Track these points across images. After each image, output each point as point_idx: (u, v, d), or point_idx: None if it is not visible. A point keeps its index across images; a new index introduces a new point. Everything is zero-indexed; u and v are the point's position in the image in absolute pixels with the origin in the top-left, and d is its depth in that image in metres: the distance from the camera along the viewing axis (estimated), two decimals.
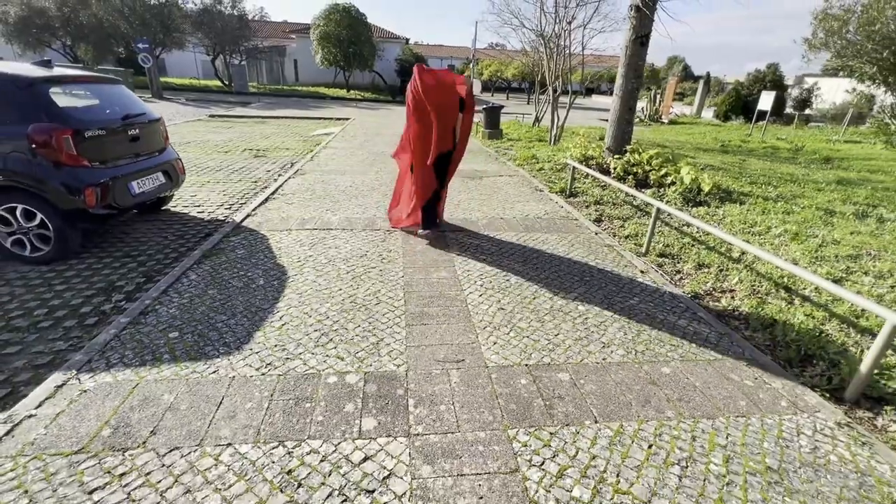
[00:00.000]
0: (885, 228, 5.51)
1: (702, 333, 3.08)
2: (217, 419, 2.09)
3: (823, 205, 6.45)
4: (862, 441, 2.18)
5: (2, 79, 3.57)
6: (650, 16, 6.57)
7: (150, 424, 2.04)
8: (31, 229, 3.71)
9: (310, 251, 4.10)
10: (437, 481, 1.83)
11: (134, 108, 4.55)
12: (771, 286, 3.82)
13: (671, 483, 1.88)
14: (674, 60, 65.69)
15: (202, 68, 32.91)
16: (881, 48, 10.43)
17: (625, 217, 5.63)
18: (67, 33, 24.10)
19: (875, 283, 3.91)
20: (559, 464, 1.95)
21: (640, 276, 3.97)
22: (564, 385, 2.46)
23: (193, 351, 2.59)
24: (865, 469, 2.02)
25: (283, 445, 1.96)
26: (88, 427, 2.01)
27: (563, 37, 10.65)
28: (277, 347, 2.66)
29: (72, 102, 4.05)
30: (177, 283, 3.39)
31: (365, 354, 2.64)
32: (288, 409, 2.17)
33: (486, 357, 2.67)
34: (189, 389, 2.27)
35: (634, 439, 2.11)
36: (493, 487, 1.81)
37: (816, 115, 27.50)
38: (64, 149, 3.61)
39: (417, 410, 2.21)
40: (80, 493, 1.70)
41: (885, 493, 1.90)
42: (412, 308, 3.19)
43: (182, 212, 5.30)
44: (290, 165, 7.95)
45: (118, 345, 2.62)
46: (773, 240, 4.94)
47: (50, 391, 2.21)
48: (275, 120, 15.07)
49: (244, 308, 3.08)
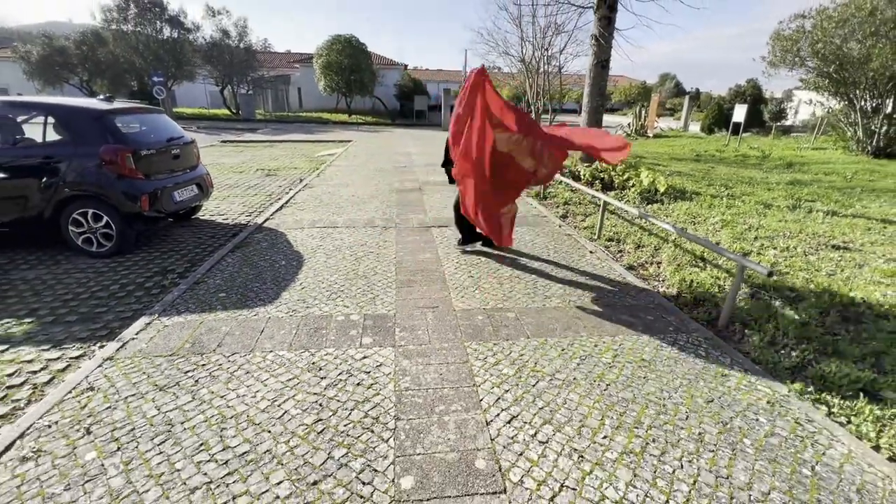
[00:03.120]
0: (810, 217, 6.43)
1: (625, 290, 3.99)
2: (261, 339, 3.00)
3: (766, 200, 7.38)
4: (715, 346, 3.07)
5: (80, 112, 4.62)
6: (605, 45, 7.67)
7: (215, 342, 2.96)
8: (98, 229, 4.67)
9: (320, 242, 5.06)
10: (412, 367, 2.73)
11: (175, 132, 5.58)
12: (691, 258, 4.73)
13: (571, 366, 2.78)
14: (665, 77, 67.78)
15: (210, 98, 34.59)
16: (826, 64, 11.55)
17: (586, 214, 6.59)
18: (85, 70, 25.69)
19: (777, 254, 4.82)
20: (496, 358, 2.85)
21: (589, 255, 4.90)
22: (510, 319, 3.37)
23: (238, 304, 3.52)
24: (711, 360, 2.90)
25: (308, 351, 2.87)
26: (174, 343, 2.93)
27: (542, 62, 11.82)
28: (299, 301, 3.59)
29: (130, 128, 5.07)
30: (217, 264, 4.34)
31: (364, 304, 3.56)
32: (310, 334, 3.09)
33: (454, 305, 3.59)
34: (239, 325, 3.19)
35: (552, 346, 3.01)
36: (450, 369, 2.71)
37: (798, 126, 28.68)
38: (126, 164, 4.61)
39: (401, 334, 3.12)
40: (177, 372, 2.61)
41: (718, 371, 2.78)
42: (401, 277, 4.12)
43: (210, 219, 6.29)
44: (299, 181, 8.98)
45: (182, 302, 3.55)
46: (709, 227, 5.87)
47: (142, 326, 3.14)
48: (282, 143, 16.25)
49: (272, 279, 4.02)
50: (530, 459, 2.05)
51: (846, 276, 4.30)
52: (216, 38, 26.91)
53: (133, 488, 1.84)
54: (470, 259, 4.64)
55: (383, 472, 1.96)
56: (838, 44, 11.31)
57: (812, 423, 2.36)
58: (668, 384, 2.65)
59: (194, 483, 1.87)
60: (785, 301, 3.75)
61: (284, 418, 2.27)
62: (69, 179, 4.46)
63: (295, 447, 2.08)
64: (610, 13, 7.69)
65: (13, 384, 2.60)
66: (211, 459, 2.00)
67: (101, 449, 2.04)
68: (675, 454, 2.11)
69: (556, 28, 11.20)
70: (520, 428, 2.25)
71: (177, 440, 2.10)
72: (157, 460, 1.98)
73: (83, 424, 2.19)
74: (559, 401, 2.47)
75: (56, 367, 2.77)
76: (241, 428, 2.19)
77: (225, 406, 2.35)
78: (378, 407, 2.38)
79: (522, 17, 11.71)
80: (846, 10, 11.21)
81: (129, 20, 24.57)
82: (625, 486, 1.92)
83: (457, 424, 2.26)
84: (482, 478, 1.94)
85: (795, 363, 2.92)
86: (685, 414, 2.39)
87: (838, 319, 3.49)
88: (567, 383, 2.62)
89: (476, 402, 2.44)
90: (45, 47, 24.25)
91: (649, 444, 2.17)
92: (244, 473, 1.93)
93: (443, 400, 2.44)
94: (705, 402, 2.50)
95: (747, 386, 2.66)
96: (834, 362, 2.88)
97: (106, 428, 2.17)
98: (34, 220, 4.51)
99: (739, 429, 2.29)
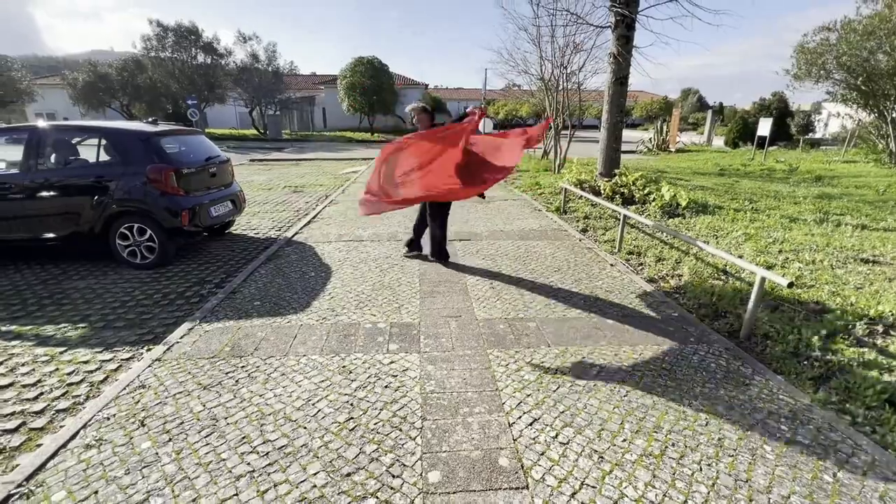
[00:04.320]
0: (839, 231, 6.33)
1: (645, 300, 4.04)
2: (295, 344, 3.19)
3: (792, 214, 7.29)
4: (737, 357, 3.09)
5: (131, 135, 5.00)
6: (624, 63, 7.81)
7: (252, 346, 3.15)
8: (142, 243, 5.00)
9: (347, 255, 5.27)
10: (437, 372, 2.86)
11: (212, 152, 5.95)
12: (713, 271, 4.74)
13: (591, 373, 2.86)
14: (688, 92, 67.30)
15: (239, 119, 36.08)
16: (853, 76, 11.38)
17: (607, 227, 6.64)
18: (125, 94, 27.24)
19: (802, 267, 4.78)
20: (518, 364, 2.95)
21: (609, 268, 4.96)
22: (531, 329, 3.47)
23: (272, 312, 3.72)
24: (732, 370, 2.93)
25: (338, 356, 3.04)
26: (215, 347, 3.14)
27: (562, 80, 12.01)
28: (328, 310, 3.77)
29: (172, 149, 5.44)
30: (252, 275, 4.59)
31: (390, 312, 3.72)
32: (339, 340, 3.25)
33: (477, 314, 3.71)
34: (274, 331, 3.39)
35: (573, 354, 3.09)
36: (473, 374, 2.83)
37: (828, 139, 28.01)
38: (169, 182, 4.94)
39: (426, 341, 3.26)
40: (219, 373, 2.80)
41: (739, 381, 2.81)
42: (425, 288, 4.27)
43: (242, 234, 6.61)
44: (325, 197, 9.32)
45: (220, 309, 3.78)
46: (731, 240, 5.85)
47: (184, 331, 3.37)
48: (307, 162, 16.82)
49: (302, 289, 4.22)
50: (551, 459, 2.14)
51: (875, 290, 4.24)
52: (246, 63, 28.18)
53: (185, 474, 2.01)
54: (490, 271, 4.76)
55: (411, 467, 2.08)
56: (865, 56, 11.16)
57: (835, 431, 2.38)
58: (688, 391, 2.69)
59: (239, 471, 2.03)
60: (810, 313, 3.74)
61: (318, 416, 2.42)
62: (118, 196, 4.81)
63: (329, 442, 2.22)
64: (628, 32, 7.84)
65: (73, 381, 2.84)
66: (253, 451, 2.16)
67: (155, 439, 2.23)
68: (694, 457, 2.16)
69: (575, 47, 11.40)
70: (541, 430, 2.34)
71: (221, 433, 2.28)
72: (205, 450, 2.16)
73: (138, 417, 2.39)
74: (579, 405, 2.55)
75: (109, 368, 3.00)
76: (279, 424, 2.35)
77: (264, 404, 2.52)
78: (405, 408, 2.51)
79: (541, 37, 11.97)
80: (872, 21, 11.08)
81: (166, 48, 26.03)
82: (644, 486, 1.99)
83: (480, 425, 2.36)
84: (505, 474, 2.04)
85: (819, 374, 2.92)
86: (705, 420, 2.44)
87: (865, 332, 3.46)
88: (587, 389, 2.70)
89: (499, 404, 2.54)
90: (90, 74, 25.88)
91: (668, 447, 2.23)
92: (283, 464, 2.08)
93: (467, 402, 2.55)
94: (726, 409, 2.54)
95: (769, 395, 2.68)
96: (859, 373, 2.87)
97: (158, 421, 2.37)
98: (86, 234, 4.87)
99: (760, 436, 2.32)
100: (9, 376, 2.89)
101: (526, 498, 1.92)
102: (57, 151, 5.06)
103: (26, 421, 2.49)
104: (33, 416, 2.52)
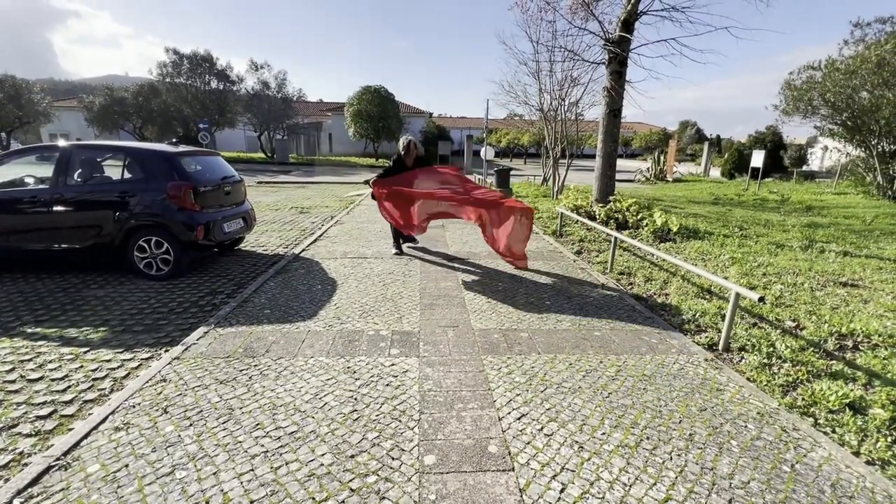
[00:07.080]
0: (822, 257, 6.61)
1: (632, 317, 4.29)
2: (303, 347, 3.43)
3: (780, 241, 7.59)
4: (714, 366, 3.32)
5: (155, 154, 5.37)
6: (617, 96, 8.29)
7: (264, 348, 3.40)
8: (158, 255, 5.29)
9: (351, 270, 5.55)
10: (434, 374, 3.09)
11: (227, 171, 6.32)
12: (698, 290, 5.00)
13: (577, 377, 3.09)
14: (686, 124, 68.87)
15: (247, 142, 37.04)
16: (838, 112, 11.90)
17: (600, 250, 6.93)
18: (139, 117, 28.15)
19: (783, 289, 5.04)
20: (510, 369, 3.18)
21: (601, 286, 5.22)
22: (523, 338, 3.71)
23: (282, 319, 3.98)
24: (708, 378, 3.16)
25: (343, 358, 3.28)
26: (229, 349, 3.38)
27: (560, 111, 12.56)
28: (334, 318, 4.02)
29: (191, 168, 5.81)
30: (261, 287, 4.86)
31: (392, 322, 3.97)
32: (345, 344, 3.50)
33: (473, 325, 3.96)
34: (283, 336, 3.64)
35: (561, 361, 3.32)
36: (468, 376, 3.06)
37: (823, 172, 28.62)
38: (187, 198, 5.28)
39: (425, 347, 3.50)
40: (234, 371, 3.05)
41: (713, 386, 3.04)
42: (425, 301, 4.53)
43: (251, 250, 6.91)
44: (331, 218, 9.67)
45: (233, 316, 4.04)
46: (718, 263, 6.12)
47: (200, 335, 3.62)
48: (314, 185, 17.31)
49: (310, 300, 4.49)
50: (536, 447, 2.36)
51: (849, 310, 4.49)
52: (257, 89, 29.22)
53: (205, 453, 2.23)
54: (487, 287, 5.03)
55: (409, 451, 2.30)
56: (849, 93, 11.72)
57: (797, 430, 2.60)
58: (665, 395, 2.92)
59: (254, 452, 2.25)
60: (785, 330, 3.98)
61: (325, 408, 2.65)
62: (138, 211, 5.14)
63: (335, 429, 2.45)
64: (620, 68, 8.36)
65: (97, 377, 3.08)
66: (266, 435, 2.38)
67: (177, 424, 2.46)
68: (665, 449, 2.38)
69: (573, 81, 11.99)
70: (528, 423, 2.56)
71: (237, 420, 2.51)
72: (223, 434, 2.38)
73: (161, 406, 2.63)
74: (564, 404, 2.77)
75: (131, 366, 3.25)
76: (290, 413, 2.58)
77: (275, 397, 2.75)
78: (405, 403, 2.74)
79: (540, 71, 12.60)
80: (854, 62, 11.69)
81: (181, 74, 27.08)
82: (618, 471, 2.20)
83: (473, 419, 2.59)
84: (494, 459, 2.26)
85: (788, 381, 3.15)
86: (679, 419, 2.66)
87: (836, 346, 3.69)
88: (572, 391, 2.93)
89: (490, 402, 2.77)
90: (107, 98, 26.82)
91: (643, 440, 2.45)
92: (294, 447, 2.30)
93: (461, 399, 2.78)
94: (699, 410, 2.76)
95: (740, 399, 2.90)
96: (825, 382, 3.10)
97: (179, 409, 2.60)
98: (106, 245, 5.18)
99: (728, 432, 2.54)
100: (38, 371, 3.14)
101: (512, 478, 2.13)
102: (84, 168, 5.42)
103: (57, 409, 2.72)
104: (63, 405, 2.75)
